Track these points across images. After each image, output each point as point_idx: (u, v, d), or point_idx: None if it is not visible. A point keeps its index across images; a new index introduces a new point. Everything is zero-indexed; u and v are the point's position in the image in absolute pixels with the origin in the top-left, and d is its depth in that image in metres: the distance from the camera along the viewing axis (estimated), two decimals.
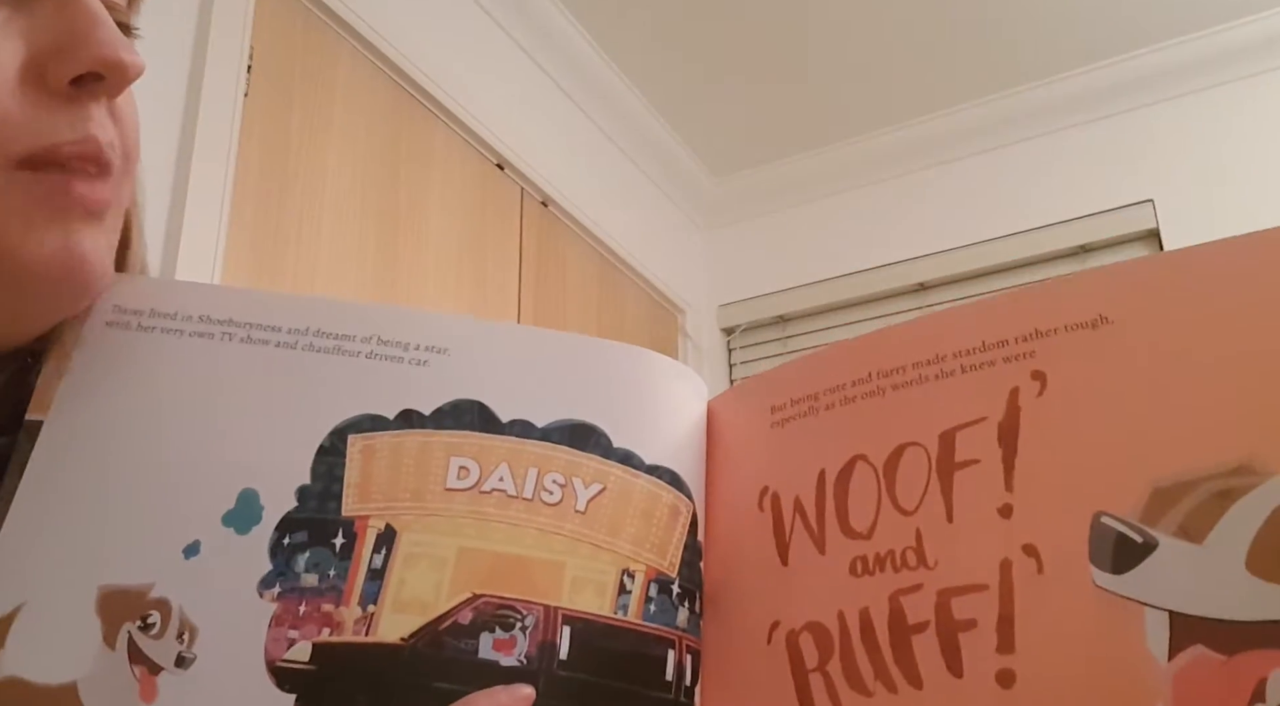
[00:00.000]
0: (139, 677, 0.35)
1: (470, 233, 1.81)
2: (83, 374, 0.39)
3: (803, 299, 2.59)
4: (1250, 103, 2.21)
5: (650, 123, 2.43)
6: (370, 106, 1.63)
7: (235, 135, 1.33)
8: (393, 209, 1.63)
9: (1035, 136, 2.40)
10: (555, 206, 2.08)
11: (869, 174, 2.57)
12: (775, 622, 0.36)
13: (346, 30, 1.59)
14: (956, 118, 2.46)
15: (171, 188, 1.25)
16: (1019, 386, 0.34)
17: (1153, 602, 0.29)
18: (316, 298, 0.43)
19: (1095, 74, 2.33)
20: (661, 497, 0.40)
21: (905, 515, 0.34)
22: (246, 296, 0.42)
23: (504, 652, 0.36)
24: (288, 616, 0.36)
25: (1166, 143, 2.26)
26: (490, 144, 1.87)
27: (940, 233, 2.44)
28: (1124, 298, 0.34)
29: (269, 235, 1.39)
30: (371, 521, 0.38)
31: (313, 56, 1.53)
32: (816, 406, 0.39)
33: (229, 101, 1.34)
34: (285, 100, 1.46)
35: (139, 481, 0.38)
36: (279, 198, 1.42)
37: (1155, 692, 0.28)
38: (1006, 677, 0.31)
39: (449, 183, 1.78)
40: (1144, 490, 0.30)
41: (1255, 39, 2.21)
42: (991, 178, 2.43)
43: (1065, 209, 2.31)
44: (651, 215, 2.52)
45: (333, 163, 1.52)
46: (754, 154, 2.62)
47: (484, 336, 0.43)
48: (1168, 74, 2.28)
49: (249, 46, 1.39)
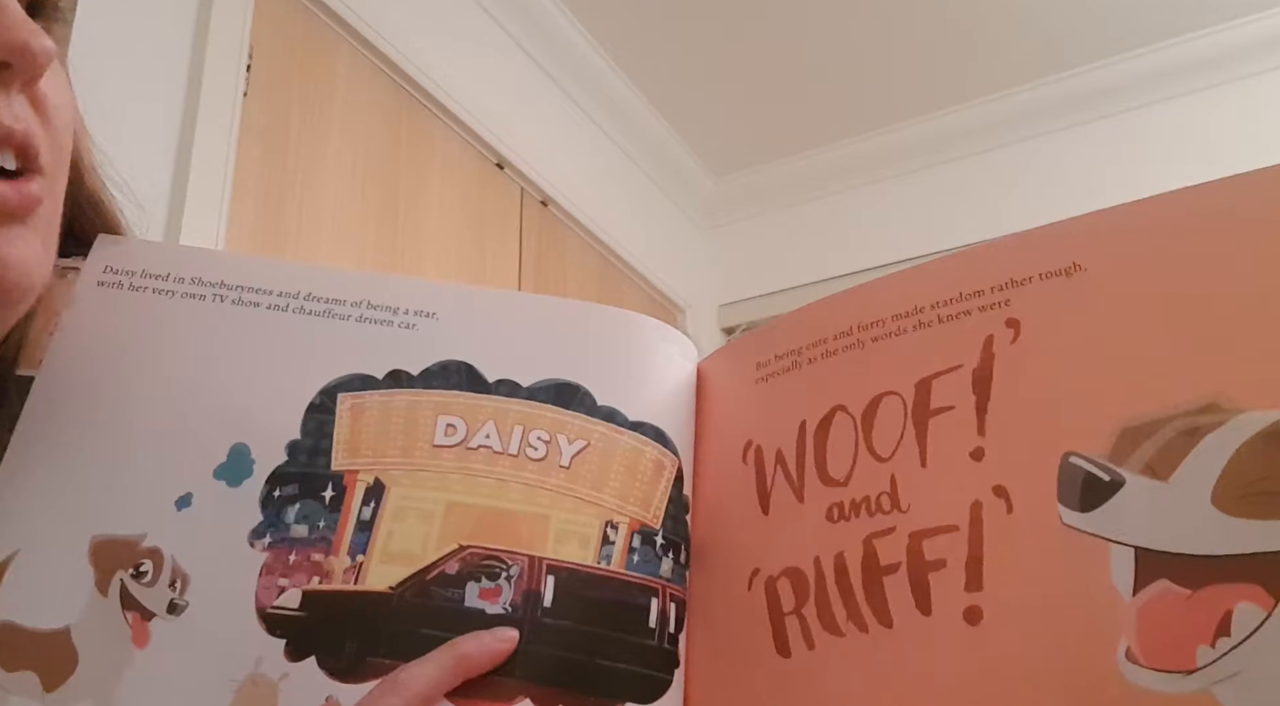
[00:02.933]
0: (131, 623, 0.35)
1: (470, 232, 1.81)
2: (73, 331, 0.40)
3: (803, 299, 2.52)
4: (1250, 102, 2.20)
5: (650, 123, 2.43)
6: (370, 106, 1.62)
7: (234, 134, 1.33)
8: (392, 208, 1.62)
9: (1036, 136, 2.39)
10: (555, 206, 2.07)
11: (869, 174, 2.57)
12: (755, 570, 0.37)
13: (346, 30, 1.59)
14: (956, 118, 2.45)
15: (171, 187, 1.25)
16: (993, 334, 0.34)
17: (1119, 539, 0.29)
18: (307, 264, 0.44)
19: (1095, 73, 2.32)
20: (645, 453, 0.41)
21: (881, 462, 0.35)
22: (238, 260, 0.43)
23: (489, 601, 0.37)
24: (278, 565, 0.37)
25: (1167, 142, 2.25)
26: (490, 143, 1.87)
27: (940, 233, 2.42)
28: (1097, 245, 0.34)
29: (268, 234, 1.39)
30: (360, 476, 0.39)
31: (312, 56, 1.53)
32: (799, 360, 0.39)
33: (228, 101, 1.34)
34: (285, 100, 1.46)
35: (131, 435, 0.39)
36: (278, 197, 1.42)
37: (1120, 626, 0.29)
38: (974, 614, 0.31)
39: (448, 182, 1.77)
40: (1113, 430, 0.31)
41: (1255, 39, 2.20)
42: (992, 177, 2.42)
43: (1066, 209, 2.27)
44: (651, 215, 2.51)
45: (332, 162, 1.52)
46: (754, 154, 2.61)
47: (471, 301, 0.43)
48: (1168, 74, 2.27)
49: (248, 45, 1.39)
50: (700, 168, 2.64)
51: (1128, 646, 0.29)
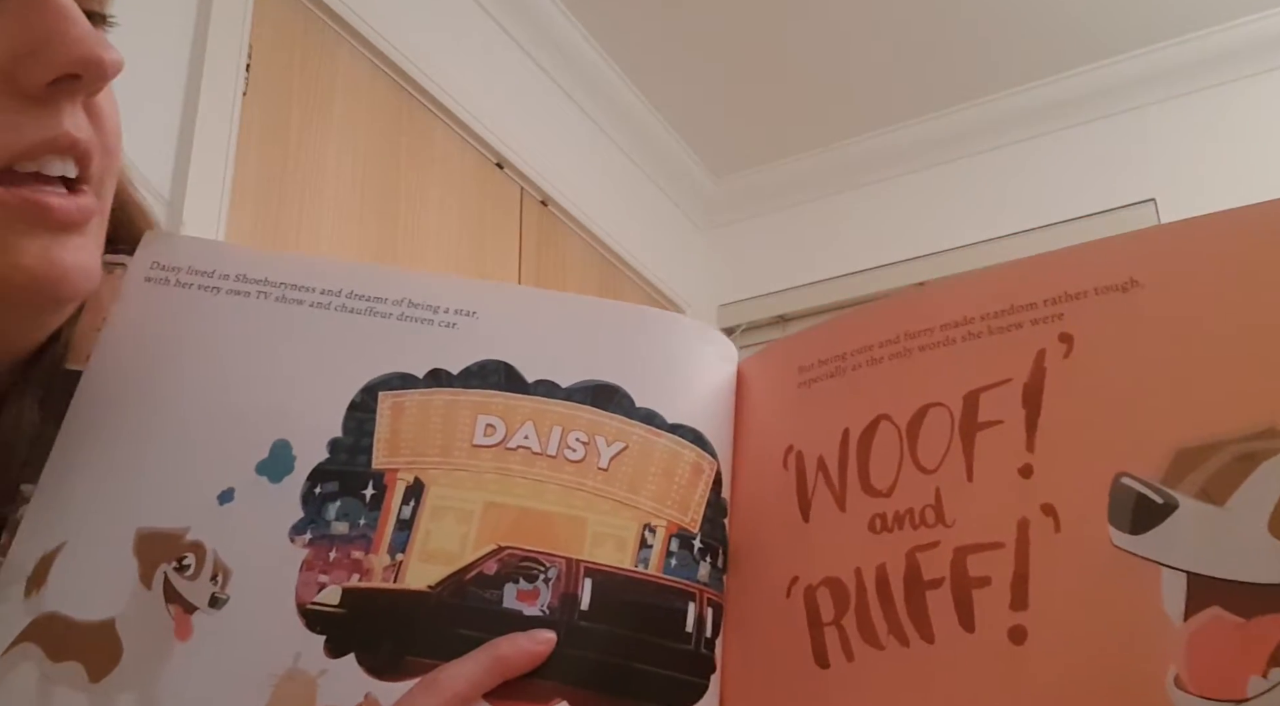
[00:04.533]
0: (174, 616, 0.36)
1: (470, 231, 1.80)
2: (121, 326, 0.41)
3: (803, 299, 2.57)
4: (1251, 102, 2.18)
5: (650, 123, 2.41)
6: (369, 105, 1.61)
7: (234, 134, 1.33)
8: (392, 207, 1.62)
9: (1036, 136, 2.37)
10: (555, 206, 2.06)
11: (869, 174, 2.55)
12: (795, 577, 0.37)
13: (345, 29, 1.58)
14: (957, 117, 2.43)
15: (170, 186, 1.25)
16: (1045, 348, 0.34)
17: (1171, 563, 0.29)
18: (350, 262, 0.44)
19: (1096, 73, 2.29)
20: (683, 456, 0.40)
21: (926, 474, 0.35)
22: (282, 258, 0.43)
23: (527, 603, 0.37)
24: (318, 561, 0.37)
25: (1168, 142, 2.23)
26: (490, 143, 1.86)
27: (940, 233, 2.41)
28: (1156, 261, 0.33)
29: (268, 234, 1.39)
30: (400, 474, 0.39)
31: (312, 55, 1.52)
32: (843, 367, 0.39)
33: (228, 100, 1.33)
34: (284, 99, 1.45)
35: (176, 430, 0.39)
36: (278, 196, 1.41)
37: (1169, 652, 0.28)
38: (1019, 633, 0.31)
39: (448, 181, 1.76)
40: (1167, 452, 0.30)
41: (1255, 39, 2.17)
42: (992, 177, 2.40)
43: (1066, 208, 2.28)
44: (651, 215, 2.50)
45: (332, 161, 1.51)
46: (754, 154, 2.59)
47: (511, 300, 0.43)
48: (1169, 73, 2.24)
49: (248, 45, 1.38)
50: (700, 168, 2.63)
51: (1177, 673, 0.28)
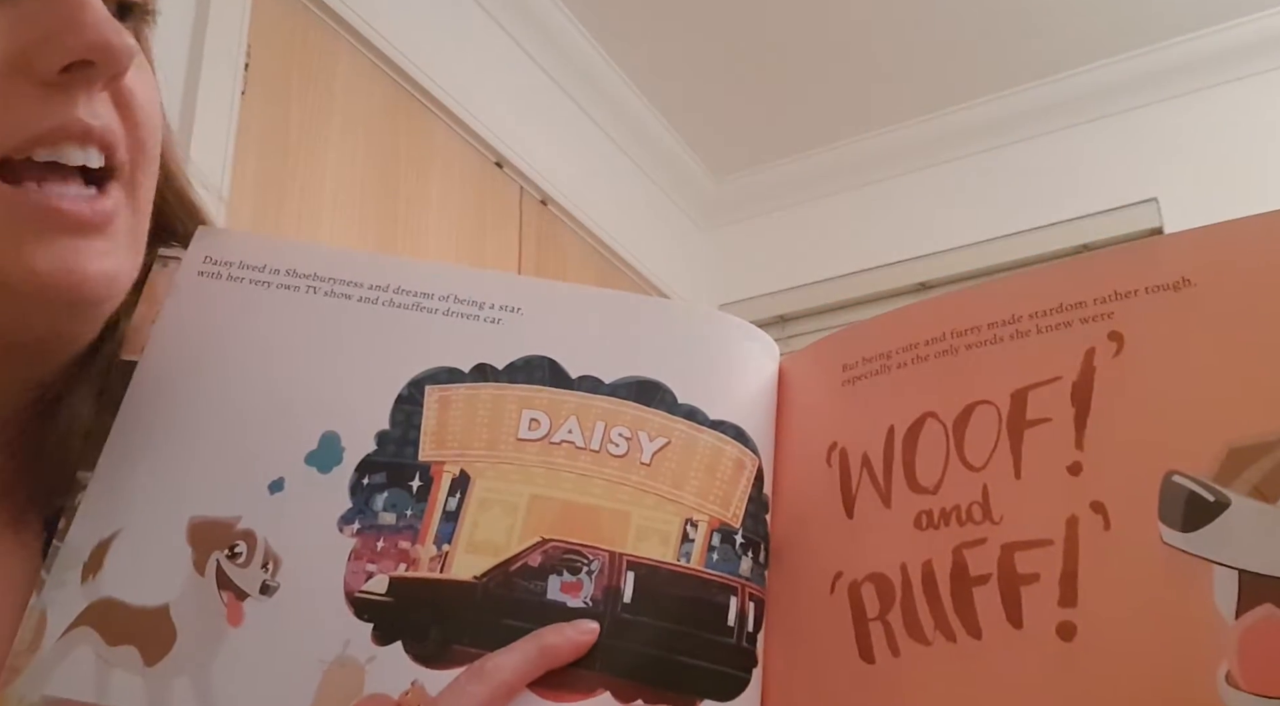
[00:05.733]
0: (226, 602, 0.36)
1: (469, 231, 1.79)
2: (174, 318, 0.41)
3: (803, 299, 2.55)
4: (1253, 101, 2.16)
5: (650, 122, 2.40)
6: (369, 105, 1.61)
7: (232, 134, 1.32)
8: (391, 207, 1.61)
9: (1037, 135, 2.35)
10: (554, 205, 2.05)
11: (869, 174, 2.53)
12: (839, 573, 0.37)
13: (345, 28, 1.57)
14: (958, 117, 2.41)
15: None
16: (1095, 347, 0.34)
17: (1222, 561, 0.29)
18: (398, 258, 0.45)
19: (1097, 72, 2.27)
20: (726, 451, 0.41)
21: (973, 471, 0.35)
22: (331, 253, 0.44)
23: (571, 595, 0.37)
24: (366, 551, 0.37)
25: (1170, 141, 2.21)
26: (489, 142, 1.85)
27: (941, 232, 2.39)
28: (1208, 260, 0.33)
29: (267, 234, 1.39)
30: (447, 467, 0.39)
31: (311, 55, 1.52)
32: (889, 364, 0.39)
33: (226, 100, 1.33)
34: (283, 99, 1.44)
35: (228, 420, 0.40)
36: (277, 196, 1.41)
37: (1221, 649, 0.28)
38: (1067, 630, 0.31)
39: (448, 181, 1.76)
40: (1219, 450, 0.30)
41: (1256, 39, 2.15)
42: (993, 177, 2.38)
43: (1068, 208, 2.26)
44: (652, 215, 2.49)
45: (331, 161, 1.51)
46: (754, 154, 2.58)
47: (555, 297, 0.44)
48: (1170, 72, 2.22)
49: (246, 45, 1.38)
50: (701, 168, 2.62)
51: (1228, 670, 0.28)
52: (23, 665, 0.35)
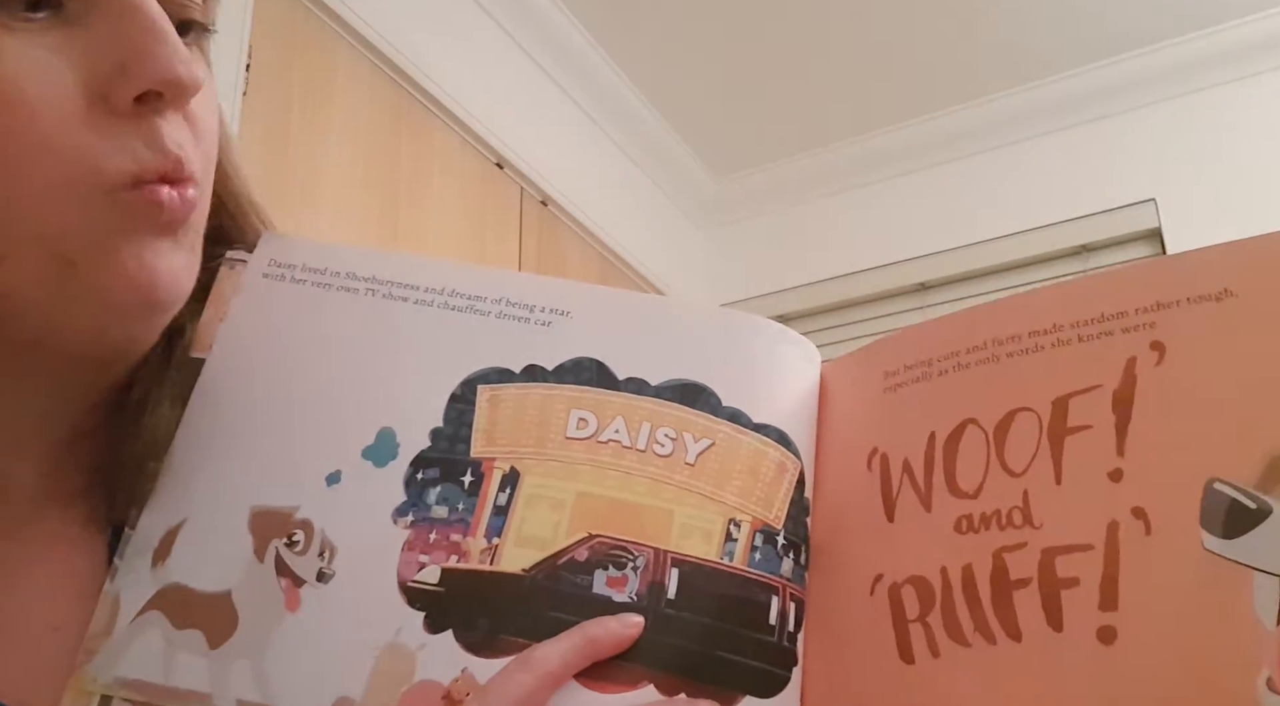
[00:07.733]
0: (284, 589, 0.38)
1: (470, 231, 1.80)
2: (241, 318, 0.43)
3: (803, 299, 2.54)
4: (1252, 102, 2.13)
5: (650, 123, 2.40)
6: (369, 105, 1.61)
7: (234, 134, 1.33)
8: (392, 207, 1.62)
9: (1036, 136, 2.33)
10: (555, 206, 2.05)
11: (869, 174, 2.52)
12: (879, 575, 0.38)
13: (345, 29, 1.58)
14: (957, 117, 2.39)
15: None
16: (1136, 356, 0.34)
17: (1263, 567, 0.29)
18: (452, 262, 0.46)
19: (1097, 73, 2.25)
20: (768, 454, 0.41)
21: (1013, 477, 0.35)
22: (388, 258, 0.45)
23: (616, 589, 0.38)
24: (419, 542, 0.39)
25: (1168, 142, 2.18)
26: (490, 143, 1.85)
27: (940, 233, 2.38)
28: (1251, 271, 0.33)
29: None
30: (497, 463, 0.40)
31: (312, 55, 1.52)
32: (930, 372, 0.40)
33: (227, 100, 1.32)
34: (284, 99, 1.45)
35: (289, 415, 0.41)
36: (278, 196, 1.41)
37: (1261, 655, 0.29)
38: (1108, 634, 0.31)
39: (448, 181, 1.76)
40: (1260, 458, 0.30)
41: (1255, 39, 2.12)
42: (992, 177, 2.37)
43: (1066, 208, 2.24)
44: (651, 215, 2.48)
45: (332, 162, 1.51)
46: (753, 154, 2.57)
47: (603, 301, 0.45)
48: (1169, 73, 2.20)
49: (248, 45, 1.38)
50: (700, 168, 2.61)
51: (1269, 676, 0.28)
52: (97, 647, 0.37)
